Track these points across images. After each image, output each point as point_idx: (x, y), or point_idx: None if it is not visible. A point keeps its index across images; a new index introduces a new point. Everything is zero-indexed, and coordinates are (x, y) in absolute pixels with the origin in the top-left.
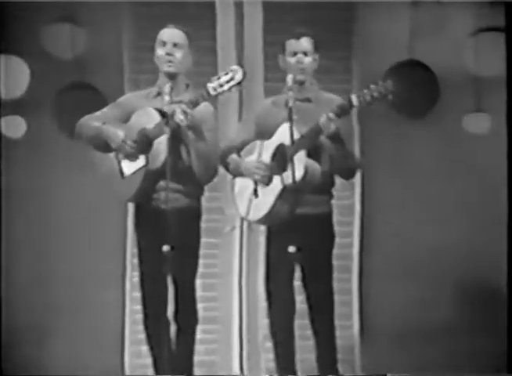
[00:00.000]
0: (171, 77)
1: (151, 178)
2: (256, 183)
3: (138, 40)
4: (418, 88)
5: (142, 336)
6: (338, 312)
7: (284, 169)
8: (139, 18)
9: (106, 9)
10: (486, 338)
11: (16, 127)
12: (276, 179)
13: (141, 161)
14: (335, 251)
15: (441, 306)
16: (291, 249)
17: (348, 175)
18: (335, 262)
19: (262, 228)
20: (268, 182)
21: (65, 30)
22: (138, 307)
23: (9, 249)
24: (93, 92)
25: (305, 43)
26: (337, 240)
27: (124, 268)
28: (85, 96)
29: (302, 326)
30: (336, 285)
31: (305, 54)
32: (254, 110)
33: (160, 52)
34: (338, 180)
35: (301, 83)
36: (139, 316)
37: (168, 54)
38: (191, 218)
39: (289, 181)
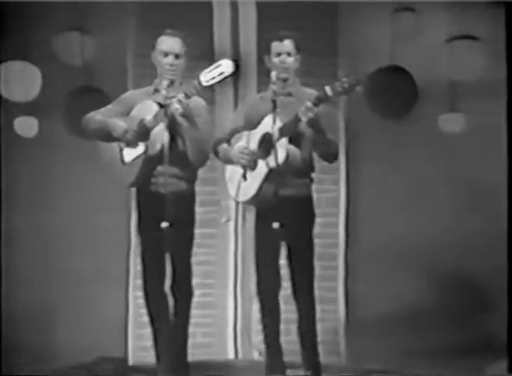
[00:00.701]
0: (172, 81)
1: (150, 163)
2: (244, 168)
3: (141, 47)
4: (398, 90)
5: (145, 319)
6: (325, 298)
7: (269, 154)
8: (142, 27)
9: (112, 19)
10: (471, 327)
11: (29, 127)
12: (262, 164)
13: (140, 149)
14: (321, 242)
15: (426, 295)
16: (275, 225)
17: (329, 158)
18: (320, 250)
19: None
20: (254, 166)
21: (74, 38)
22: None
23: (11, 237)
24: (100, 95)
25: (288, 45)
26: (324, 230)
27: (128, 254)
28: (93, 99)
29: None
30: (322, 274)
31: (288, 54)
32: (244, 104)
33: (162, 60)
34: (325, 175)
35: (285, 80)
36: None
37: (171, 65)
38: (186, 199)
39: (273, 164)
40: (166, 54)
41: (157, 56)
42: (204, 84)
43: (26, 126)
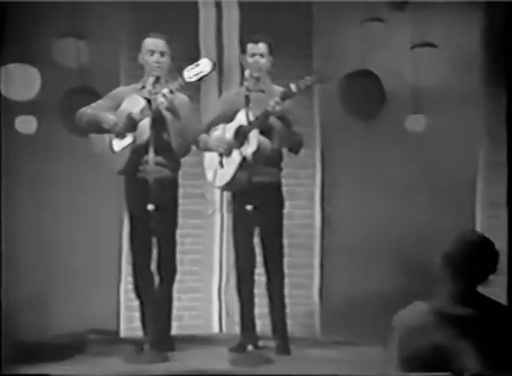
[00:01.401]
0: (157, 77)
1: (137, 153)
2: (221, 156)
3: (131, 51)
4: (368, 93)
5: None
6: (301, 284)
7: (242, 144)
8: (132, 33)
9: (105, 26)
10: None
11: (28, 124)
12: (236, 153)
13: (128, 139)
14: (299, 232)
15: (395, 279)
16: (249, 207)
17: (295, 149)
18: (298, 240)
19: None
20: (229, 153)
21: (71, 43)
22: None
23: (10, 229)
24: (94, 95)
25: (262, 47)
26: (301, 221)
27: (121, 236)
28: (87, 98)
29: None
30: (299, 262)
31: (262, 56)
32: (221, 99)
33: (148, 59)
34: (301, 171)
35: (257, 78)
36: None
37: (157, 62)
38: (170, 185)
39: (246, 153)
40: (152, 52)
41: (144, 55)
42: (187, 80)
43: (25, 124)
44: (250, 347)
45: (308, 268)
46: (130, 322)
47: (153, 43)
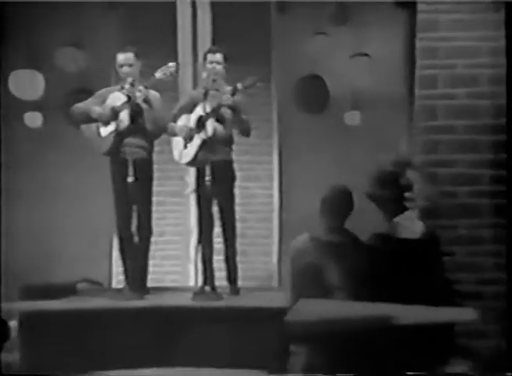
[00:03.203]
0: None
1: (119, 137)
2: (185, 139)
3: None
4: (316, 93)
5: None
6: (262, 251)
7: (201, 130)
8: (123, 43)
9: (100, 37)
10: None
11: (35, 119)
12: (197, 137)
13: (112, 126)
14: (259, 209)
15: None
16: (207, 178)
17: (245, 133)
18: (259, 216)
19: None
20: (191, 138)
21: (70, 52)
22: None
23: (10, 199)
24: (90, 95)
25: (219, 56)
26: (262, 200)
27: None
28: (84, 98)
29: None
30: (261, 233)
31: (218, 63)
32: (185, 95)
33: (119, 70)
34: (261, 156)
35: (214, 80)
36: None
37: (125, 73)
38: (146, 163)
39: (204, 137)
40: (121, 65)
41: (117, 67)
42: (157, 77)
43: (33, 119)
44: (207, 288)
45: (267, 238)
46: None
47: (123, 58)
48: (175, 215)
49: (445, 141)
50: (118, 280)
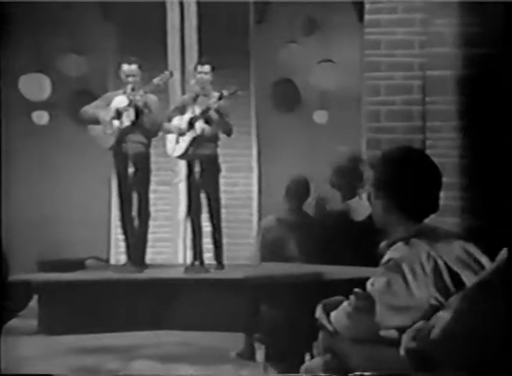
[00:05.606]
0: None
1: (122, 134)
2: (178, 136)
3: (116, 65)
4: (289, 94)
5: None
6: (242, 234)
7: (191, 129)
8: (119, 50)
9: (98, 44)
10: None
11: (42, 118)
12: (188, 134)
13: (116, 125)
14: (242, 195)
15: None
16: (197, 169)
17: (228, 133)
18: (241, 203)
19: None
20: (183, 135)
21: (73, 58)
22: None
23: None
24: (90, 96)
25: (207, 68)
26: (241, 188)
27: (110, 192)
28: (85, 99)
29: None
30: (240, 218)
31: (206, 74)
32: (177, 100)
33: (124, 79)
34: (242, 150)
35: (203, 88)
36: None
37: (130, 82)
38: (144, 156)
39: (194, 135)
40: (127, 75)
41: (122, 75)
42: (155, 84)
43: (40, 117)
44: (197, 263)
45: (248, 222)
46: (118, 252)
47: (128, 69)
48: (165, 202)
49: (386, 140)
50: (116, 259)
